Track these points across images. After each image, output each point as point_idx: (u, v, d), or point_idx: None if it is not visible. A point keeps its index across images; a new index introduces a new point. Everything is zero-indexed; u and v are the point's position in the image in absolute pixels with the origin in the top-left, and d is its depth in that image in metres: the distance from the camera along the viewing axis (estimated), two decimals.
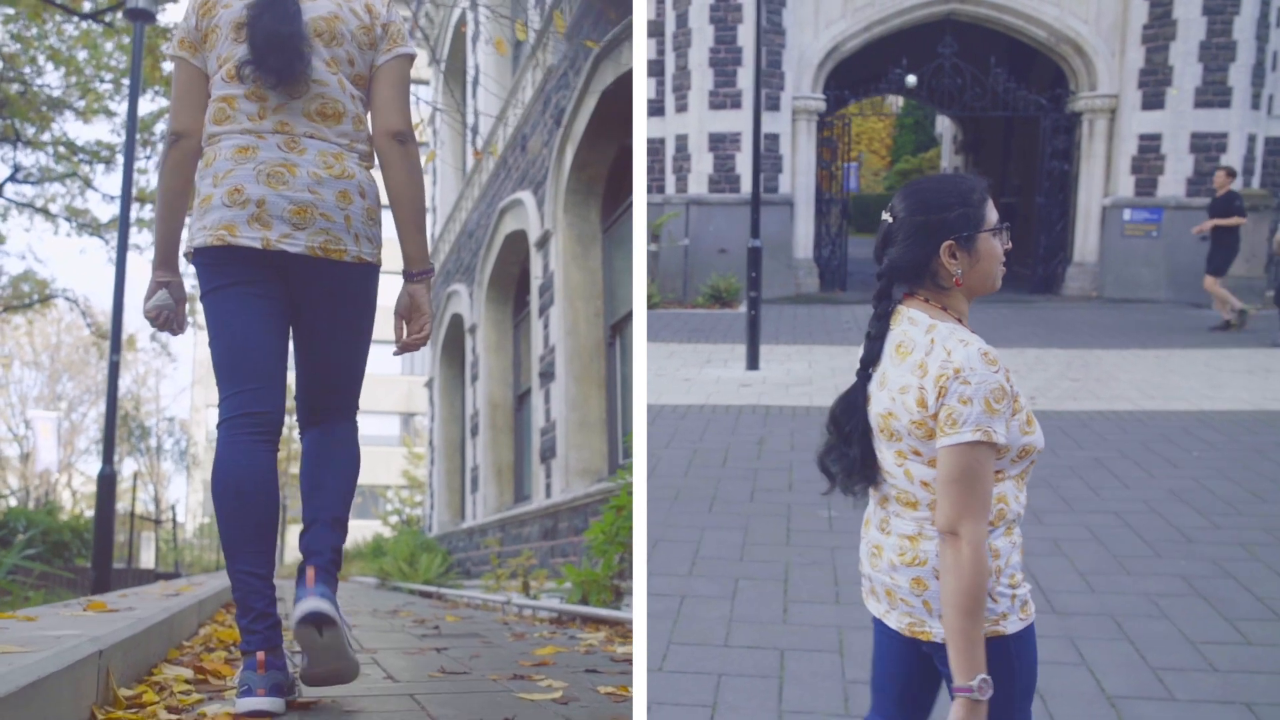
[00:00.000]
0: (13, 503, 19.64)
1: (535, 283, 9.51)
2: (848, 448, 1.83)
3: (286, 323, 2.33)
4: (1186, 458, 6.30)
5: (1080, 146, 14.83)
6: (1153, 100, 13.98)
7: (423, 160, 10.12)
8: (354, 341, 2.40)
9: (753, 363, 9.17)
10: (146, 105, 15.44)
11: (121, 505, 17.67)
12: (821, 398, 7.96)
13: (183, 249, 2.37)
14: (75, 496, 27.82)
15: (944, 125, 29.41)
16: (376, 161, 2.40)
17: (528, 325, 10.79)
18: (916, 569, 1.75)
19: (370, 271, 2.35)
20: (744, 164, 14.25)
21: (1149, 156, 14.10)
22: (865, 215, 34.92)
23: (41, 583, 9.93)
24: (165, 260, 2.39)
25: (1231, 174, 11.48)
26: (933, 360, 1.68)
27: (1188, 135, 13.83)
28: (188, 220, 2.38)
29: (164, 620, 2.95)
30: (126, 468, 26.70)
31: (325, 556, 2.26)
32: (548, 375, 9.03)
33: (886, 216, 1.81)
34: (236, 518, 2.19)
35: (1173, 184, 14.00)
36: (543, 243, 9.20)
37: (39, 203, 16.31)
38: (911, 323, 1.76)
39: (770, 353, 9.97)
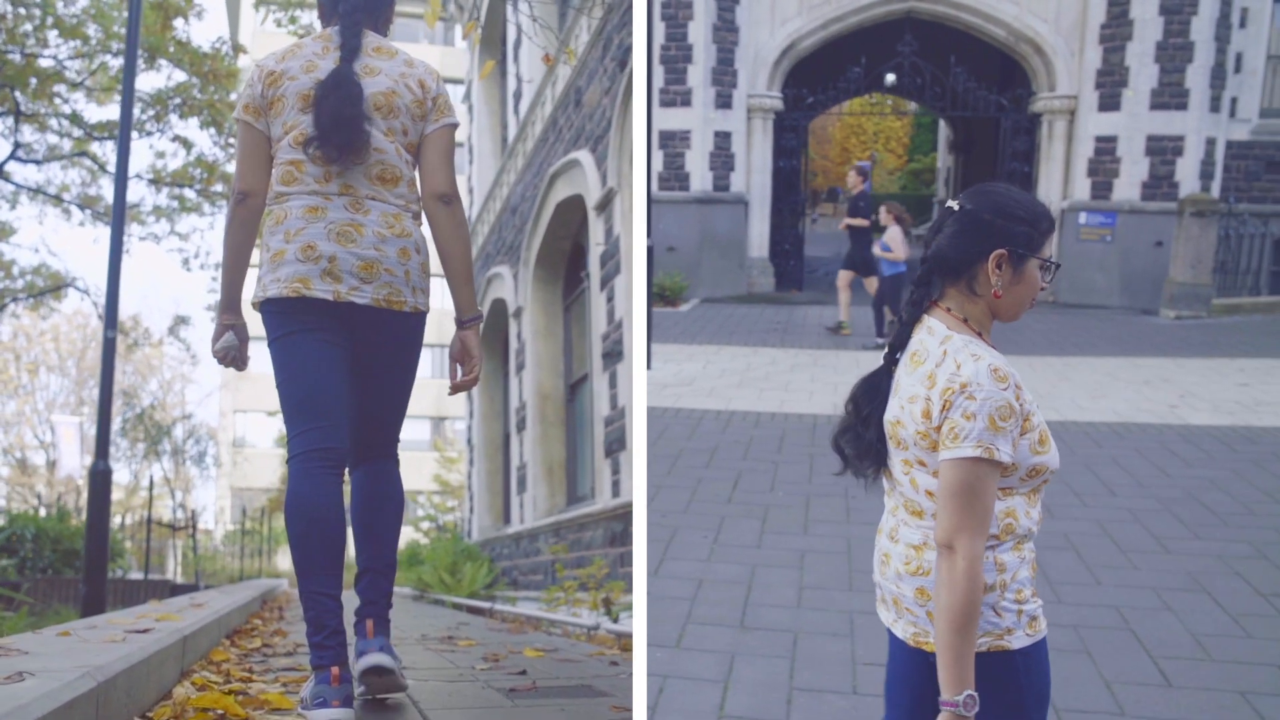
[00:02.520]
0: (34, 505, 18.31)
1: (596, 250, 7.94)
2: (864, 429, 1.72)
3: (349, 368, 2.38)
4: None
5: (1040, 148, 13.92)
6: (1109, 102, 13.10)
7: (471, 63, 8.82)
8: (404, 382, 2.49)
9: (646, 363, 8.59)
10: (159, 80, 14.14)
11: (145, 513, 16.29)
12: (692, 400, 7.58)
13: (251, 299, 2.38)
14: None
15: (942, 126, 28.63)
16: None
17: (581, 306, 9.33)
18: (921, 579, 1.66)
19: (422, 319, 2.44)
20: (694, 162, 13.55)
21: (1105, 159, 13.21)
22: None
23: (34, 596, 8.80)
24: (230, 305, 2.43)
25: (862, 174, 10.65)
26: (942, 372, 1.58)
27: (1143, 138, 12.94)
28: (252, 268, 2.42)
29: (64, 706, 1.69)
30: (153, 473, 25.55)
31: (381, 605, 2.40)
32: (613, 355, 7.37)
33: (952, 204, 1.67)
34: (310, 543, 2.24)
35: (1128, 187, 13.11)
36: (604, 204, 7.66)
37: (50, 189, 14.82)
38: (929, 332, 1.66)
39: (677, 353, 9.51)
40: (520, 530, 9.98)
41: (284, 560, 23.40)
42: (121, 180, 7.32)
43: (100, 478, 6.94)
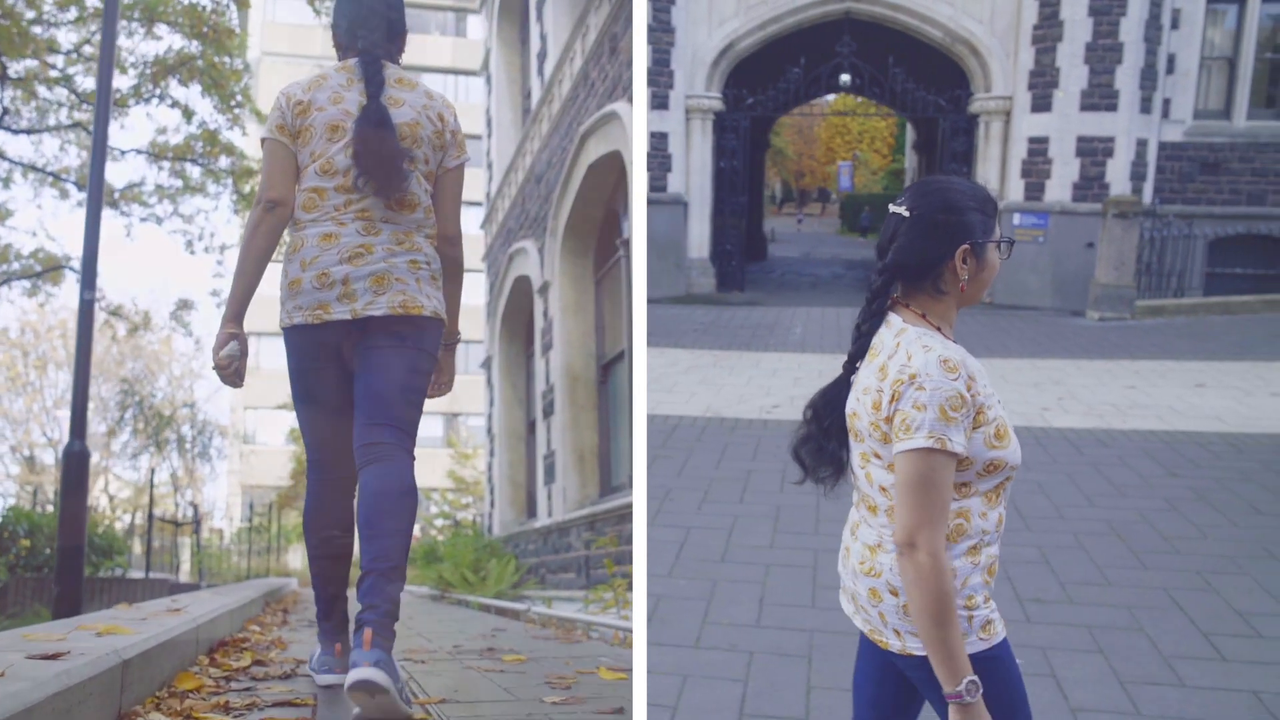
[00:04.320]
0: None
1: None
2: (825, 440, 1.71)
3: (357, 377, 2.45)
4: None
5: (978, 149, 13.77)
6: (1041, 103, 12.95)
7: None
8: (417, 380, 2.46)
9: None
10: (158, 48, 13.37)
11: (148, 509, 15.84)
12: None
13: (279, 322, 2.44)
14: (112, 502, 26.74)
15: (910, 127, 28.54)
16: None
17: (614, 279, 8.74)
18: (873, 580, 1.64)
19: (440, 325, 2.50)
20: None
21: (1037, 160, 13.06)
22: (857, 214, 34.17)
23: (20, 595, 8.73)
24: (237, 314, 2.45)
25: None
26: (894, 364, 1.57)
27: (1074, 139, 12.78)
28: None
29: None
30: (154, 467, 25.50)
31: (380, 610, 2.21)
32: None
33: (901, 211, 1.62)
34: (321, 550, 2.57)
35: (1059, 189, 12.94)
36: None
37: (41, 164, 14.28)
38: (887, 325, 1.64)
39: None
40: (549, 524, 9.19)
41: (294, 558, 23.13)
42: (100, 154, 6.55)
43: (75, 460, 5.83)
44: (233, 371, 2.45)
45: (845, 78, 14.38)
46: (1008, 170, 13.48)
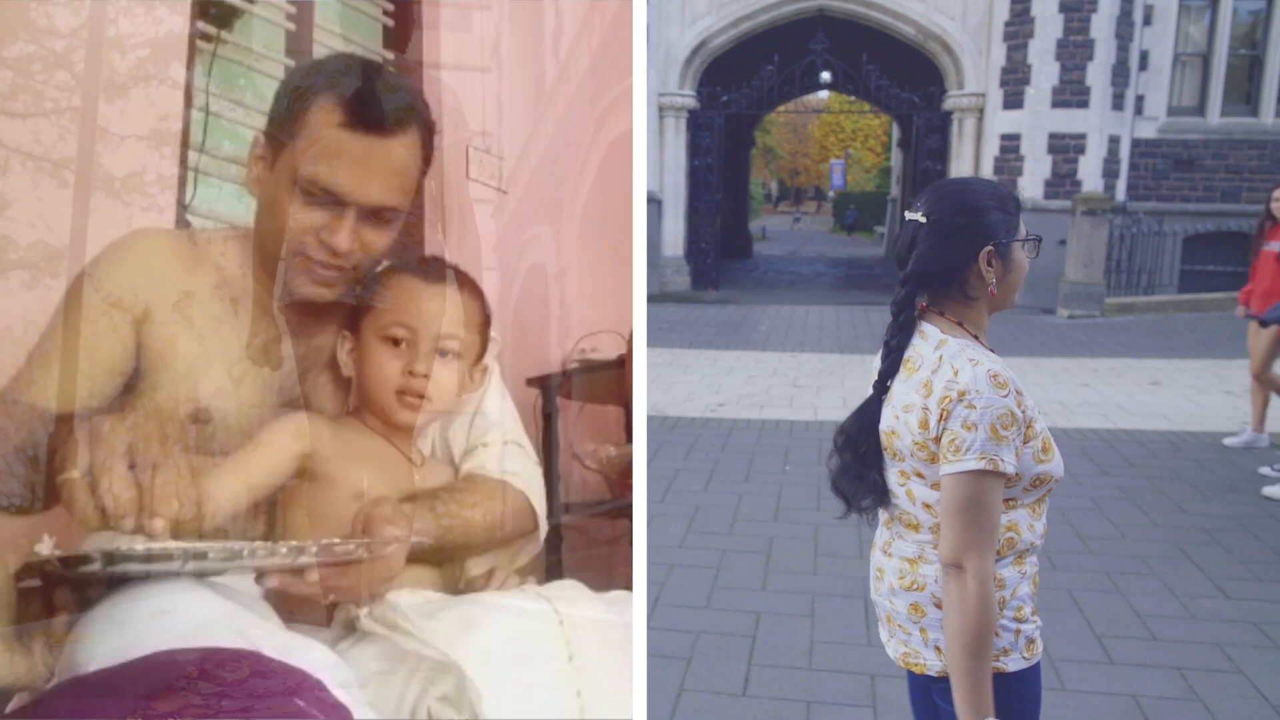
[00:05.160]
0: None
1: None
2: (865, 469, 1.61)
3: None
4: (768, 470, 5.60)
5: (951, 146, 13.66)
6: (1013, 99, 12.83)
7: None
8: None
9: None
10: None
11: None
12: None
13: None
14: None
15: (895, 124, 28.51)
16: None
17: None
18: (915, 594, 1.56)
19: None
20: None
21: (1010, 157, 12.93)
22: (846, 212, 34.33)
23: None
24: None
25: None
26: (938, 379, 1.48)
27: (1045, 136, 12.66)
28: None
29: None
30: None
31: None
32: None
33: (918, 217, 1.55)
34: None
35: (1031, 185, 12.79)
36: None
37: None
38: (922, 337, 1.55)
39: None
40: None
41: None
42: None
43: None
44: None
45: (825, 75, 14.31)
46: (980, 167, 13.37)
